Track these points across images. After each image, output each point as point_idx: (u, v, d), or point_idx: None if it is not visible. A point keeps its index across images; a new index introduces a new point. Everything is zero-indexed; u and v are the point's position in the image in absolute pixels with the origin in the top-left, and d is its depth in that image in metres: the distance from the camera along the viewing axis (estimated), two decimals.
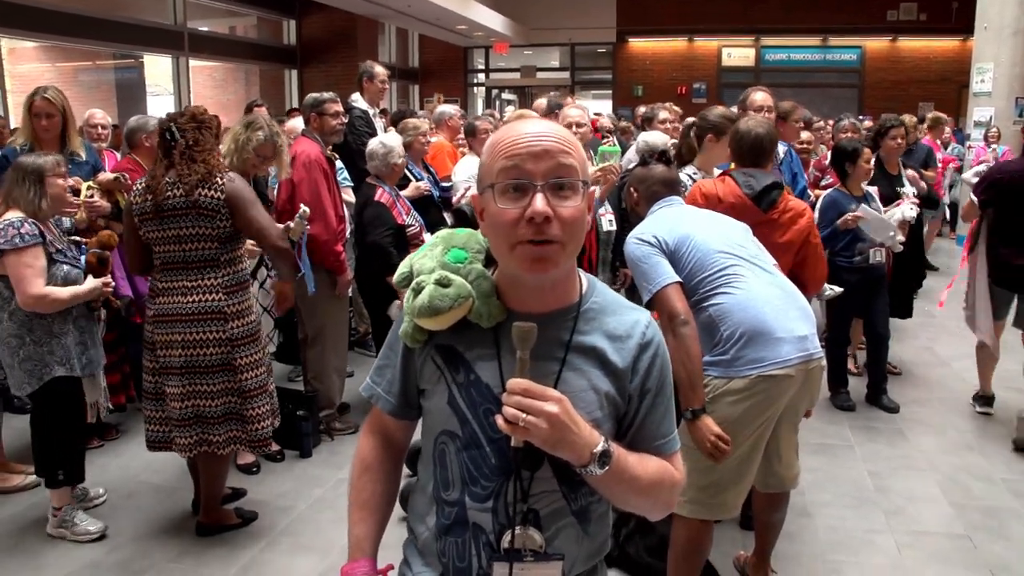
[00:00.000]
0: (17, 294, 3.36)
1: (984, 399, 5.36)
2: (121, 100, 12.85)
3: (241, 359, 3.44)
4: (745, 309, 2.66)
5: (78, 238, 3.80)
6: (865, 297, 5.12)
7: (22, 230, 3.34)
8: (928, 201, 6.16)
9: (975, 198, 5.02)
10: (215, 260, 3.39)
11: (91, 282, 3.51)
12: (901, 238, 5.02)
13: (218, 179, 3.32)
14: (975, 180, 5.46)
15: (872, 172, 5.06)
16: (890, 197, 5.32)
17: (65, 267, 3.46)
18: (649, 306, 2.76)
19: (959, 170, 10.43)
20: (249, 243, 3.91)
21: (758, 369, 2.62)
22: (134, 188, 3.42)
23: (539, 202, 1.28)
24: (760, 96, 4.53)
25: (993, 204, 4.87)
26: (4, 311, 3.47)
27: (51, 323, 3.45)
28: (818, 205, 5.06)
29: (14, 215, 3.39)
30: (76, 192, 3.98)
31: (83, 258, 3.62)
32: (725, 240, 2.82)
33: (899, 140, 5.53)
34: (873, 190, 5.17)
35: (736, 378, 2.65)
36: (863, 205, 4.89)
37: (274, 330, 4.46)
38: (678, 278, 2.70)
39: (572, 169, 1.32)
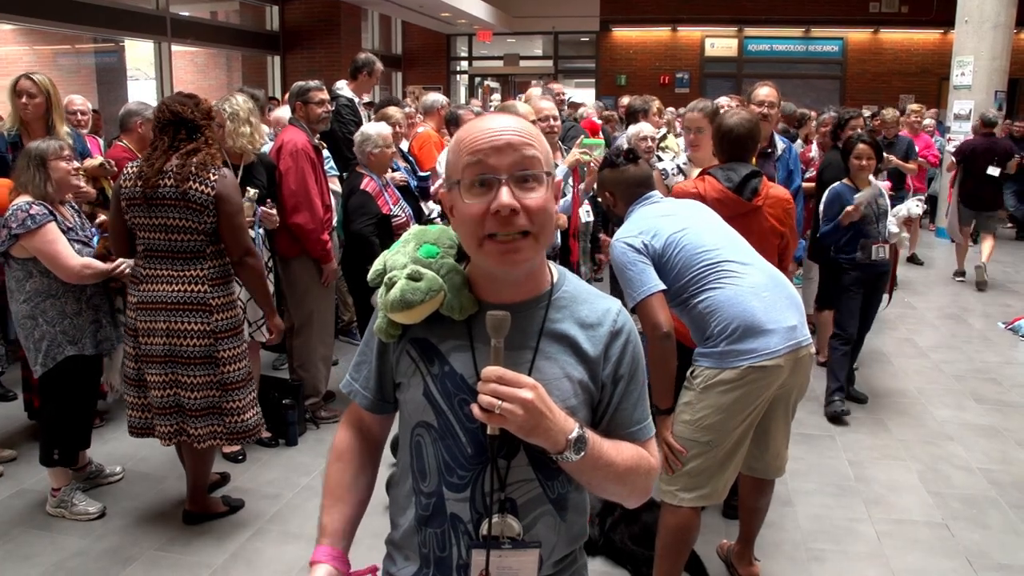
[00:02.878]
0: (57, 272, 3.44)
1: (960, 272, 8.98)
2: (101, 85, 12.69)
3: (224, 352, 3.42)
4: (734, 304, 2.69)
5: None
6: (866, 293, 5.00)
7: (31, 211, 3.40)
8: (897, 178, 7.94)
9: (954, 158, 9.11)
10: (201, 252, 3.36)
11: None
12: (906, 235, 4.99)
13: (211, 175, 3.29)
14: (952, 149, 9.57)
15: (867, 168, 4.91)
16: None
17: (76, 245, 3.51)
18: (633, 312, 2.80)
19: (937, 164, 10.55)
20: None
21: (748, 360, 2.66)
22: (124, 171, 3.38)
23: (504, 195, 1.30)
24: (764, 91, 4.56)
25: (963, 163, 8.89)
26: (20, 293, 3.52)
27: (64, 303, 3.51)
28: (823, 199, 5.03)
29: (22, 200, 3.46)
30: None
31: (95, 238, 3.68)
32: (711, 232, 2.85)
33: (857, 131, 5.30)
34: (885, 185, 5.11)
35: (727, 369, 2.68)
36: (855, 196, 4.83)
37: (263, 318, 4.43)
38: (662, 286, 2.74)
39: (536, 161, 1.34)
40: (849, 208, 4.78)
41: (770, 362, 2.67)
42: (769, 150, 4.56)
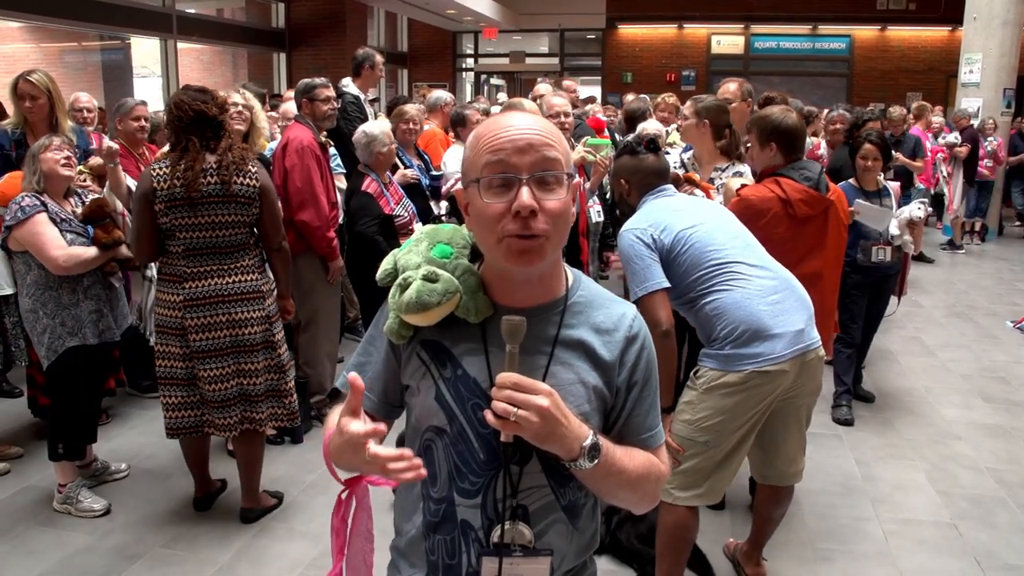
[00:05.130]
0: (44, 262, 3.48)
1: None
2: (107, 82, 12.70)
3: (277, 335, 3.58)
4: (741, 307, 2.65)
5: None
6: (870, 296, 4.95)
7: (23, 203, 3.49)
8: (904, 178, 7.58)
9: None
10: (245, 244, 3.47)
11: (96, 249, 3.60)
12: (908, 238, 4.92)
13: (251, 167, 3.39)
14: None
15: (873, 168, 4.83)
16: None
17: (69, 236, 3.54)
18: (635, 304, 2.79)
19: (948, 160, 10.51)
20: None
21: (753, 365, 2.63)
22: (153, 174, 3.29)
23: (525, 196, 1.28)
24: (733, 87, 4.55)
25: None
26: (23, 286, 3.59)
27: (60, 295, 3.55)
28: None
29: (20, 194, 3.56)
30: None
31: (90, 228, 3.69)
32: (723, 231, 2.81)
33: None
34: (893, 187, 5.05)
35: (731, 372, 2.66)
36: (857, 200, 4.71)
37: None
38: (666, 284, 2.71)
39: (557, 162, 1.32)
40: (850, 208, 4.70)
41: (775, 367, 2.64)
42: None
